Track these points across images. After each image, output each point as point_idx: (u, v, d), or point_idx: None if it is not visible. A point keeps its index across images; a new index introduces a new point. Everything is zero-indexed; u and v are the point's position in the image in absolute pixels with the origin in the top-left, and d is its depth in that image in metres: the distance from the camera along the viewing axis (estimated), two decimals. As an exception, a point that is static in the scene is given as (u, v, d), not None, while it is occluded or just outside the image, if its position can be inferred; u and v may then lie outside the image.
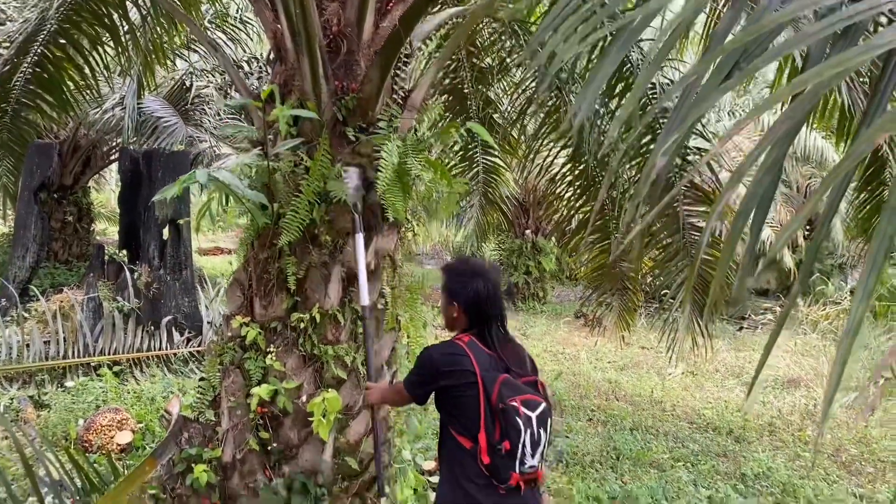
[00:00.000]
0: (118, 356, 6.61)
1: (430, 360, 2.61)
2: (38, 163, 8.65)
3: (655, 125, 5.49)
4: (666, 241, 6.33)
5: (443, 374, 2.55)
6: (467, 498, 2.51)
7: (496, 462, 2.48)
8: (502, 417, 2.47)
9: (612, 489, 5.15)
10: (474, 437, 2.50)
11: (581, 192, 6.72)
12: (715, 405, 8.04)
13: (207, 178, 3.08)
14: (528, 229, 14.45)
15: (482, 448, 2.49)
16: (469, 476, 2.51)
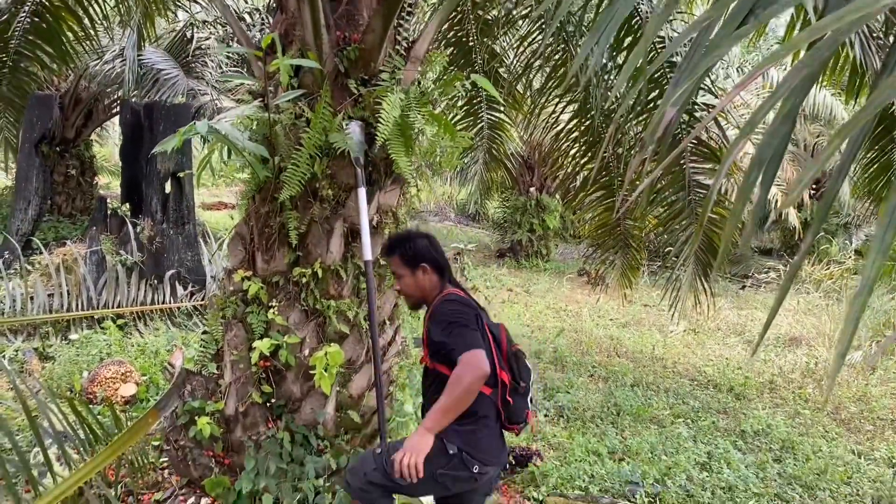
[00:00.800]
0: (122, 309, 6.63)
1: (463, 308, 2.62)
2: (39, 115, 8.57)
3: (663, 80, 5.40)
4: (671, 199, 6.28)
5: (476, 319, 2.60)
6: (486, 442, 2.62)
7: (517, 402, 2.66)
8: (515, 361, 2.69)
9: (612, 443, 5.20)
10: (494, 382, 2.61)
11: (587, 148, 6.65)
12: (716, 362, 8.07)
13: (208, 130, 3.03)
14: (532, 187, 14.36)
15: (507, 389, 2.63)
16: (483, 420, 2.62)
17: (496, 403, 2.65)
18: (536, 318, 9.57)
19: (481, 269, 12.74)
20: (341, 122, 3.23)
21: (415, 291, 2.83)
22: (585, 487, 4.44)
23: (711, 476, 4.80)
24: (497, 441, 2.71)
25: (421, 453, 2.40)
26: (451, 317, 2.57)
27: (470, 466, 2.58)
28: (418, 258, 2.77)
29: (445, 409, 2.42)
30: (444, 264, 2.83)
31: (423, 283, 2.80)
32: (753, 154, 1.09)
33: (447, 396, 2.41)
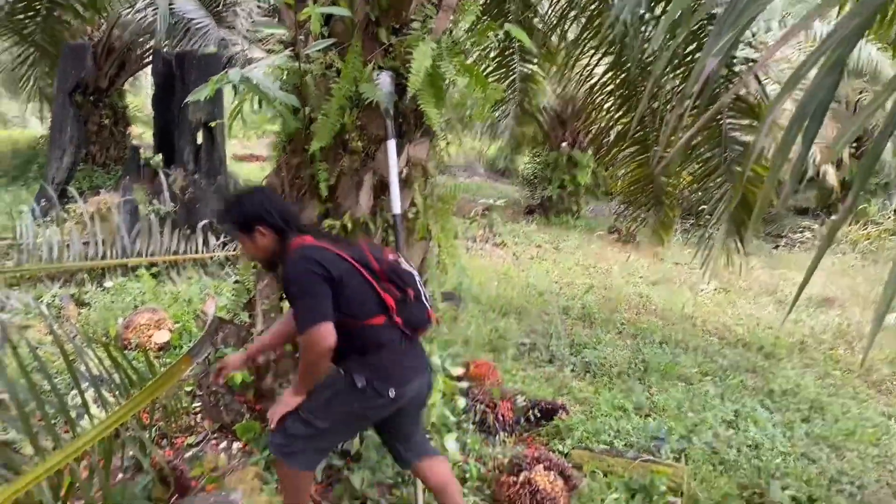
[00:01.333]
0: (155, 258, 6.73)
1: (306, 269, 2.52)
2: (72, 64, 8.62)
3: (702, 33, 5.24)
4: (706, 156, 6.16)
5: (331, 279, 2.52)
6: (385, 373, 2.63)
7: (411, 312, 2.67)
8: (393, 273, 2.66)
9: (638, 399, 5.21)
10: (383, 309, 2.61)
11: (621, 102, 6.52)
12: (746, 322, 8.01)
13: (240, 79, 3.02)
14: (564, 142, 14.15)
15: (394, 310, 2.62)
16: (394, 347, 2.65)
17: (392, 326, 2.64)
18: (565, 275, 9.54)
19: (510, 225, 12.69)
20: (371, 72, 3.20)
21: (260, 255, 2.75)
22: (610, 442, 4.47)
23: (738, 434, 4.80)
24: (407, 360, 2.73)
25: (285, 407, 2.59)
26: (293, 284, 2.54)
27: (384, 392, 2.61)
28: (251, 221, 2.65)
29: (302, 380, 2.59)
30: (283, 218, 2.67)
31: (264, 245, 2.68)
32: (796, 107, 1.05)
33: (300, 374, 2.59)
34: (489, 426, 4.48)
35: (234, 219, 2.68)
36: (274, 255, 2.70)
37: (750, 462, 4.34)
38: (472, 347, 5.85)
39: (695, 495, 3.92)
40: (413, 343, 2.76)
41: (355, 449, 3.40)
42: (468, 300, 7.22)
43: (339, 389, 2.61)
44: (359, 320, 2.58)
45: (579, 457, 4.15)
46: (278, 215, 2.65)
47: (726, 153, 5.77)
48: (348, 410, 2.64)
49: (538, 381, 5.41)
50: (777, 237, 14.43)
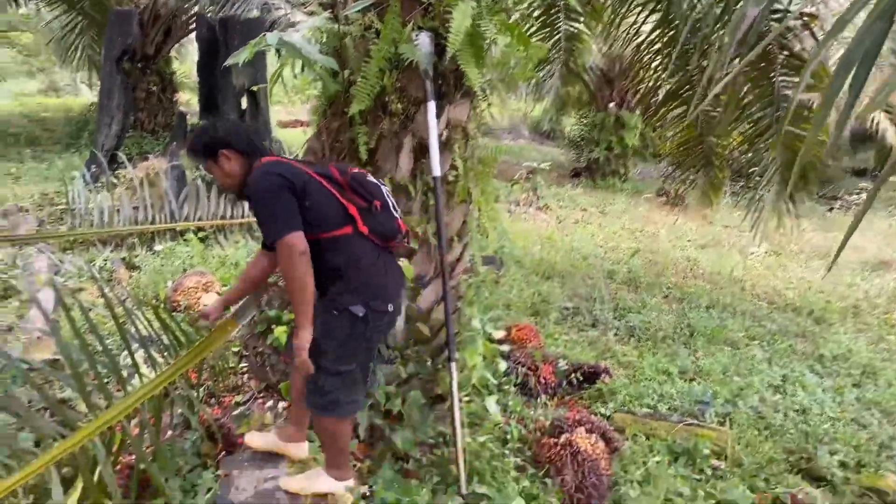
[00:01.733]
0: (203, 223, 6.86)
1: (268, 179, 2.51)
2: (119, 31, 8.72)
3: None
4: (757, 115, 5.97)
5: (295, 190, 2.51)
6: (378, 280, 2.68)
7: (378, 221, 2.67)
8: (358, 185, 2.65)
9: (683, 363, 5.15)
10: (348, 219, 2.62)
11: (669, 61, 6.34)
12: (797, 286, 7.82)
13: (278, 42, 3.02)
14: (611, 102, 13.86)
15: (358, 220, 2.62)
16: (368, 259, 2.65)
17: (361, 236, 2.65)
18: (611, 239, 9.43)
19: (555, 188, 12.56)
20: (411, 32, 3.16)
21: (230, 182, 2.71)
22: (654, 405, 4.44)
23: (785, 398, 4.73)
24: (390, 277, 2.75)
25: (304, 350, 2.52)
26: (258, 198, 2.52)
27: (384, 309, 2.68)
28: (215, 146, 2.63)
29: (300, 304, 2.50)
30: (249, 141, 2.68)
31: (231, 169, 2.67)
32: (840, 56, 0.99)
33: (292, 296, 2.52)
34: (531, 389, 4.49)
35: (199, 147, 2.67)
36: (243, 179, 2.67)
37: (797, 427, 4.28)
38: (513, 311, 5.85)
39: (739, 459, 3.89)
40: (391, 258, 2.80)
41: (397, 409, 3.45)
42: (510, 264, 7.20)
43: (346, 329, 2.63)
44: (326, 231, 2.58)
45: (622, 420, 4.14)
46: (243, 139, 2.67)
47: (779, 112, 5.58)
48: (364, 341, 2.70)
49: (581, 345, 5.39)
50: (832, 199, 13.99)
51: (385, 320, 2.73)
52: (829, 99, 0.95)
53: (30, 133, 11.31)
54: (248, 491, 2.83)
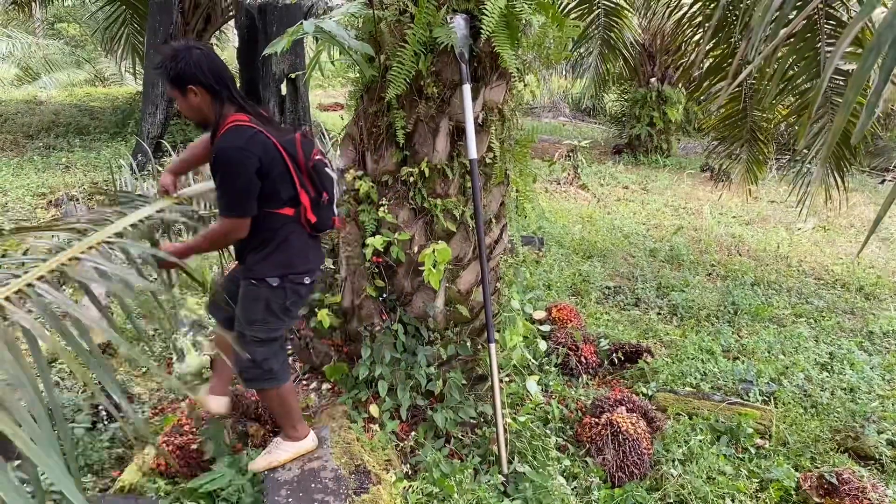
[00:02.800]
0: (247, 208, 6.98)
1: (237, 156, 2.48)
2: (160, 20, 8.87)
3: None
4: (804, 87, 5.82)
5: (261, 170, 2.52)
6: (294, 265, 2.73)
7: (319, 214, 2.73)
8: (315, 174, 2.68)
9: (726, 342, 5.10)
10: (296, 203, 2.66)
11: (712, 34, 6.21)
12: (846, 261, 7.64)
13: (314, 29, 3.05)
14: (653, 77, 13.60)
15: (307, 208, 2.67)
16: (293, 242, 2.71)
17: (297, 221, 2.71)
18: (653, 216, 9.32)
19: (596, 166, 12.43)
20: (445, 15, 3.16)
21: (193, 114, 2.67)
22: (697, 384, 4.42)
23: (832, 377, 4.65)
24: (309, 252, 2.81)
25: (173, 248, 2.65)
26: (226, 167, 2.50)
27: (301, 281, 2.77)
28: (184, 79, 2.53)
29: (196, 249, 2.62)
30: (220, 83, 2.57)
31: (197, 106, 2.60)
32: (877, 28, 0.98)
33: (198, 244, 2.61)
34: (572, 369, 4.50)
35: (167, 74, 2.56)
36: (207, 118, 2.64)
37: (844, 405, 4.21)
38: (554, 291, 5.84)
39: (783, 438, 3.85)
40: (315, 241, 2.87)
41: (438, 390, 3.50)
42: (550, 243, 7.18)
43: (266, 296, 2.71)
44: (270, 207, 2.62)
45: (664, 399, 4.13)
46: (213, 77, 2.55)
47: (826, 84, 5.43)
48: (284, 304, 2.77)
49: (622, 325, 5.37)
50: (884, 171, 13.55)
51: (303, 291, 2.83)
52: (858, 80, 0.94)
53: (78, 123, 11.60)
54: (293, 470, 2.91)
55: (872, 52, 0.95)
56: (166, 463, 3.01)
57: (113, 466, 3.16)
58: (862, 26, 5.09)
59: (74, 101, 13.83)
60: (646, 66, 13.72)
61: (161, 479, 2.95)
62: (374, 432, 3.38)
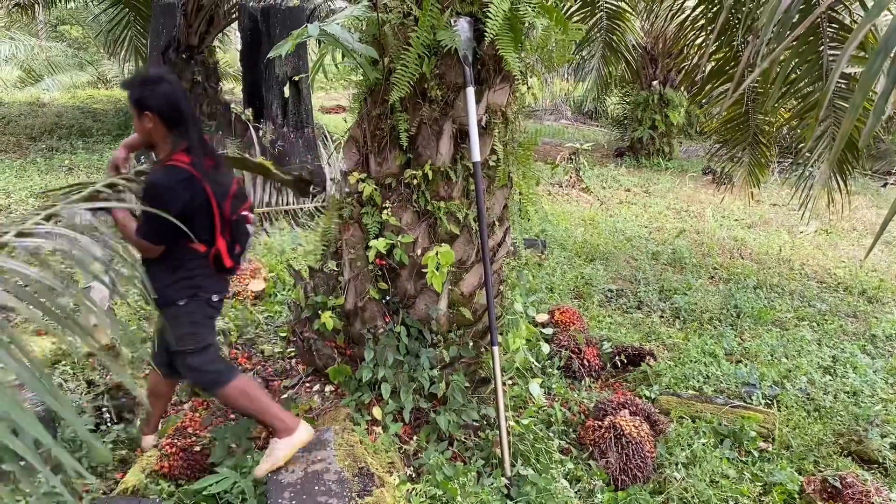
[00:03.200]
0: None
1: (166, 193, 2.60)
2: (164, 23, 8.90)
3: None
4: (806, 91, 5.82)
5: (187, 210, 2.63)
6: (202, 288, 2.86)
7: (233, 259, 2.93)
8: (235, 227, 2.85)
9: (729, 345, 5.10)
10: (211, 243, 2.83)
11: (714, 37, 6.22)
12: (849, 264, 7.64)
13: (319, 33, 3.06)
14: (655, 80, 13.61)
15: (223, 253, 2.84)
16: (199, 272, 2.85)
17: (206, 257, 2.84)
18: (655, 219, 9.32)
19: (598, 169, 12.43)
20: (449, 19, 3.17)
21: (140, 137, 2.79)
22: (700, 388, 4.42)
23: (835, 380, 4.65)
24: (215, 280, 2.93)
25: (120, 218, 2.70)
26: (154, 194, 2.60)
27: (209, 299, 2.90)
28: (144, 106, 2.66)
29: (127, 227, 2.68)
30: (176, 121, 2.69)
31: (147, 132, 2.73)
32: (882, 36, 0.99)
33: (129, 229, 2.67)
34: (574, 372, 4.50)
35: (131, 95, 2.69)
36: (153, 145, 2.78)
37: (847, 409, 4.20)
38: (556, 294, 5.84)
39: (786, 441, 3.85)
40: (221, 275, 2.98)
41: (441, 392, 3.50)
42: (553, 246, 7.18)
43: (181, 313, 2.84)
44: (184, 240, 2.70)
45: (667, 402, 4.13)
46: (171, 113, 2.68)
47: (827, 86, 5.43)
48: (201, 316, 2.90)
49: (625, 328, 5.37)
50: (886, 174, 13.56)
51: (208, 311, 2.93)
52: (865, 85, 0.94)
53: (81, 124, 11.63)
54: (296, 473, 2.92)
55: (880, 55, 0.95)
56: (169, 465, 3.01)
57: (116, 468, 3.16)
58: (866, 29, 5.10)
59: (77, 103, 13.87)
60: (648, 69, 13.73)
61: (164, 481, 2.95)
62: (377, 435, 3.38)
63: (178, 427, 3.22)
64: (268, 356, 4.31)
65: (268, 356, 4.31)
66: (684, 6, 6.41)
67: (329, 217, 3.84)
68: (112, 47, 12.78)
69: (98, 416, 3.41)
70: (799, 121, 6.18)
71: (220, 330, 4.39)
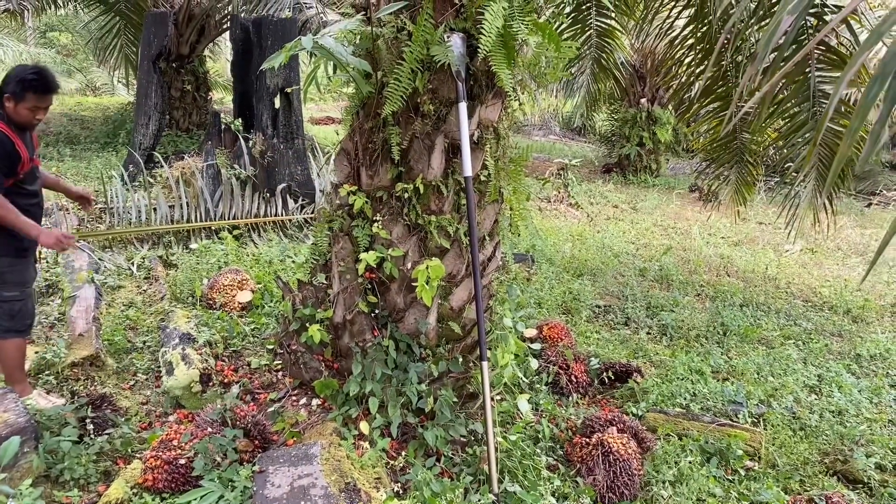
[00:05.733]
0: (237, 221, 6.97)
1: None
2: (155, 32, 8.86)
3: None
4: (793, 111, 5.89)
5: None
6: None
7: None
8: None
9: (716, 363, 5.11)
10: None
11: (703, 56, 6.30)
12: (834, 284, 7.70)
13: (313, 46, 3.06)
14: (643, 98, 13.73)
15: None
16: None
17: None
18: (643, 236, 9.36)
19: (586, 185, 12.50)
20: (443, 34, 3.18)
21: None
22: (686, 405, 4.42)
23: (821, 399, 4.67)
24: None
25: None
26: None
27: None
28: None
29: None
30: None
31: None
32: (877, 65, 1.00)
33: None
34: (562, 388, 4.50)
35: None
36: None
37: (833, 428, 4.22)
38: (545, 309, 5.85)
39: (773, 460, 3.86)
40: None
41: (429, 407, 3.48)
42: (541, 261, 7.19)
43: None
44: None
45: (654, 419, 4.13)
46: None
47: (815, 108, 5.50)
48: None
49: (613, 344, 5.37)
50: (870, 195, 13.71)
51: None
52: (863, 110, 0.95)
53: (69, 132, 11.56)
54: (283, 487, 2.89)
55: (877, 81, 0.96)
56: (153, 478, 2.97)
57: (99, 480, 3.11)
58: (849, 53, 5.17)
59: (65, 110, 13.78)
60: (636, 87, 13.86)
61: (148, 495, 2.91)
62: (364, 449, 3.36)
63: (162, 440, 3.18)
64: (254, 368, 4.27)
65: (254, 368, 4.27)
66: (674, 25, 6.46)
67: (319, 229, 3.83)
68: (102, 55, 12.75)
69: (82, 427, 3.36)
70: (786, 140, 6.24)
71: (207, 341, 4.36)
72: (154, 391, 3.95)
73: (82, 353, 4.04)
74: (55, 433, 3.22)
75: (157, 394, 3.90)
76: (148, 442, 3.30)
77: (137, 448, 3.38)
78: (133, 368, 4.19)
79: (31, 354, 4.18)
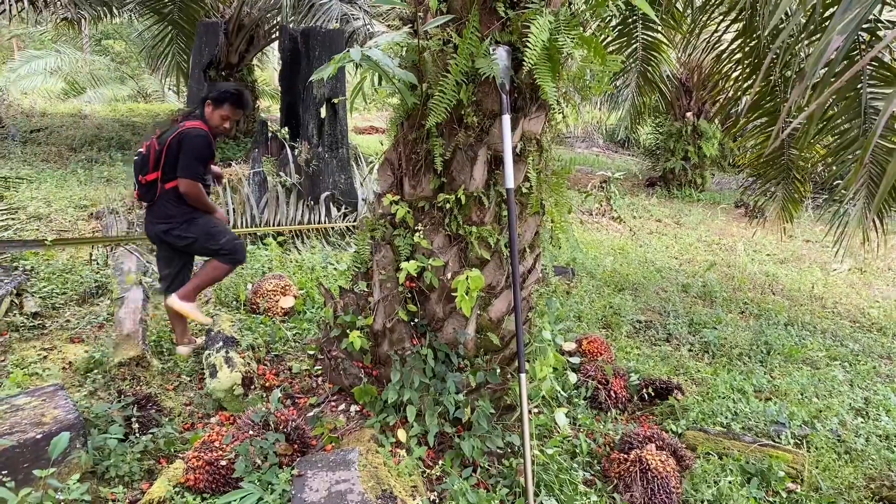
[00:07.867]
0: (281, 227, 7.08)
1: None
2: (206, 41, 9.09)
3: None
4: (843, 127, 5.78)
5: None
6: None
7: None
8: None
9: (758, 382, 5.02)
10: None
11: (751, 71, 6.22)
12: (883, 304, 7.50)
13: (361, 58, 3.11)
14: (689, 111, 13.59)
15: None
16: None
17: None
18: (686, 251, 9.25)
19: (629, 198, 12.39)
20: (488, 47, 3.20)
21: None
22: (727, 424, 4.35)
23: (867, 423, 4.55)
24: None
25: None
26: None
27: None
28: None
29: None
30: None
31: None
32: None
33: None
34: (601, 403, 4.46)
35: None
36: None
37: (879, 453, 4.11)
38: (584, 323, 5.81)
39: (816, 483, 3.77)
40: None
41: (466, 417, 3.49)
42: (582, 275, 7.16)
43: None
44: None
45: (693, 438, 4.08)
46: None
47: (866, 124, 5.39)
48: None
49: (653, 360, 5.32)
50: (924, 214, 13.34)
51: None
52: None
53: (120, 137, 11.87)
54: (320, 492, 2.92)
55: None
56: (195, 478, 3.03)
57: (143, 478, 3.19)
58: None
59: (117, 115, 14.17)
60: (682, 100, 13.72)
61: (189, 494, 2.98)
62: (400, 457, 3.38)
63: (204, 440, 3.25)
64: (295, 373, 4.33)
65: (295, 373, 4.33)
66: (722, 39, 6.40)
67: (362, 237, 3.87)
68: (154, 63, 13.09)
69: (128, 425, 3.45)
70: (835, 157, 6.13)
71: (249, 344, 4.44)
72: (197, 393, 4.04)
73: (129, 353, 4.15)
74: (102, 430, 3.31)
75: (201, 395, 3.99)
76: (190, 442, 3.37)
77: (180, 448, 3.45)
78: (177, 370, 4.28)
79: (80, 353, 4.30)
